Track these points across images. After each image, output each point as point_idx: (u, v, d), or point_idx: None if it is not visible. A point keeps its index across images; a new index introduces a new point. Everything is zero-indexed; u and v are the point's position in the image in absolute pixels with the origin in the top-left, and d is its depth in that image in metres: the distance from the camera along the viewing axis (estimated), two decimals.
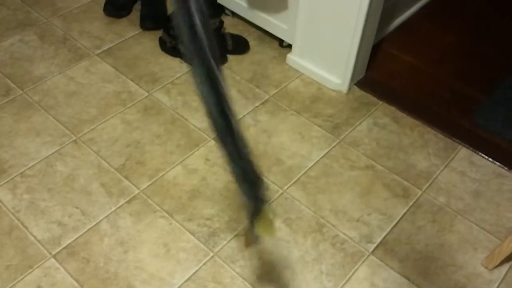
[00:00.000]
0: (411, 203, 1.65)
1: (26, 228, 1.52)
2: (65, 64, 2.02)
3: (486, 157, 1.80)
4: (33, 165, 1.67)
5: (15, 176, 1.64)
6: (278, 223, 1.57)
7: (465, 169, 1.76)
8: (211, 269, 1.46)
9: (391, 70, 2.11)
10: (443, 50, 2.22)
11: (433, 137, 1.85)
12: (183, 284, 1.42)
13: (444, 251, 1.55)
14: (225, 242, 1.52)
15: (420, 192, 1.69)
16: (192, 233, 1.54)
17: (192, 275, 1.45)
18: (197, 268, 1.46)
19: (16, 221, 1.53)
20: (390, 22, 2.27)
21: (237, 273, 1.46)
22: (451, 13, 2.42)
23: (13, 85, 1.93)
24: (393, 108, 1.94)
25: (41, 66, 2.00)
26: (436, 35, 2.30)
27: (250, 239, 1.33)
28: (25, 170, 1.66)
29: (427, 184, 1.71)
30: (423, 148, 1.81)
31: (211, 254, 1.49)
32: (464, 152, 1.81)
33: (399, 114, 1.92)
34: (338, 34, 1.85)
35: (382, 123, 1.89)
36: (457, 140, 1.84)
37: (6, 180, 1.63)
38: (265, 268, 1.47)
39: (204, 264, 1.47)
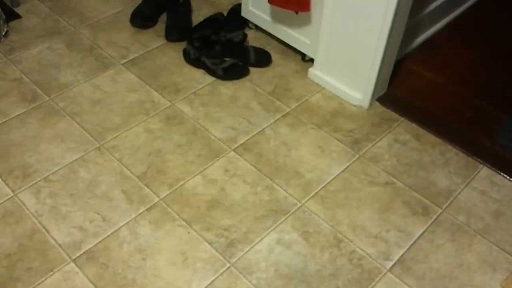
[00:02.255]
0: (430, 221, 1.64)
1: (48, 231, 1.55)
2: (91, 73, 2.06)
3: (508, 177, 1.78)
4: (56, 170, 1.71)
5: (39, 181, 1.68)
6: (295, 236, 1.57)
7: (486, 188, 1.74)
8: (228, 279, 1.47)
9: (413, 87, 2.10)
10: (465, 68, 2.21)
11: (454, 156, 1.84)
12: None
13: (463, 270, 1.53)
14: (242, 253, 1.53)
15: (440, 211, 1.67)
16: (210, 243, 1.55)
17: (208, 285, 1.45)
18: (213, 278, 1.47)
19: (38, 224, 1.57)
20: (413, 39, 2.27)
21: (253, 285, 1.46)
22: (475, 31, 2.40)
23: (40, 91, 1.97)
24: (414, 125, 1.94)
25: (68, 73, 2.05)
26: (459, 52, 2.29)
27: None
28: (48, 175, 1.69)
29: (447, 203, 1.70)
30: (444, 166, 1.80)
31: (228, 265, 1.50)
32: (485, 171, 1.80)
33: (420, 131, 1.92)
34: (360, 50, 1.86)
35: (403, 140, 1.88)
36: (479, 159, 1.83)
37: (30, 184, 1.67)
38: (281, 281, 1.47)
39: (221, 274, 1.48)
